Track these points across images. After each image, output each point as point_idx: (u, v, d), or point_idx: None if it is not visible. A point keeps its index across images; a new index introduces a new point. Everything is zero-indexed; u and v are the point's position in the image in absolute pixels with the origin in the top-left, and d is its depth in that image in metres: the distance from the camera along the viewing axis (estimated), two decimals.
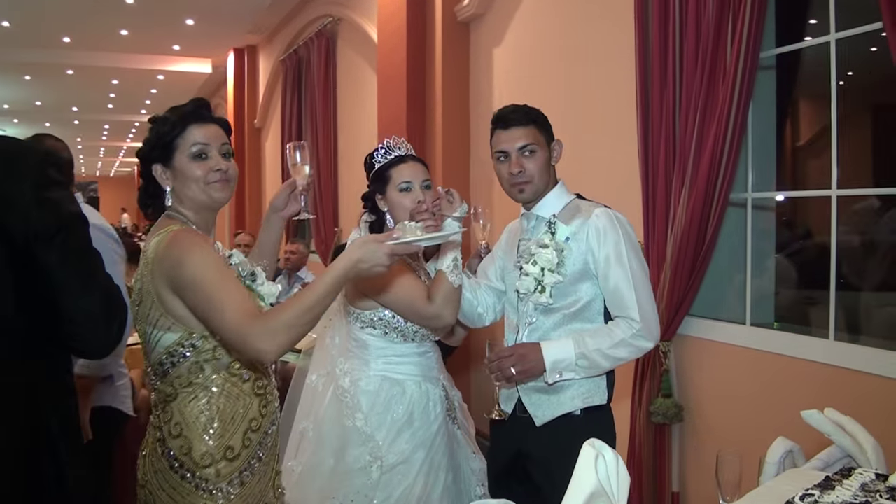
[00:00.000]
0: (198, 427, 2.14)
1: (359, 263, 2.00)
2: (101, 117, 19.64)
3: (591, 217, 2.68)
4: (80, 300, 1.70)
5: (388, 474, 2.80)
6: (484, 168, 5.92)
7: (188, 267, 2.03)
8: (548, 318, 2.72)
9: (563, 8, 4.98)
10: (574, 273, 2.67)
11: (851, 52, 3.34)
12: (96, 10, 9.64)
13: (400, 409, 2.88)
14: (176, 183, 2.23)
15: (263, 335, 1.96)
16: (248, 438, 2.19)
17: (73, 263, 1.70)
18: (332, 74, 8.89)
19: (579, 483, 1.50)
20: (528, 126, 2.73)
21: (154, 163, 2.24)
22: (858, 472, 1.88)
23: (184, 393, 2.16)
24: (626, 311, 2.62)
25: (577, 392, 2.69)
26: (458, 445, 3.04)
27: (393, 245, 2.02)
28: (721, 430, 3.75)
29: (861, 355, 3.12)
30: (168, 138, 2.23)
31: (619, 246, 2.63)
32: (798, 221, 4.68)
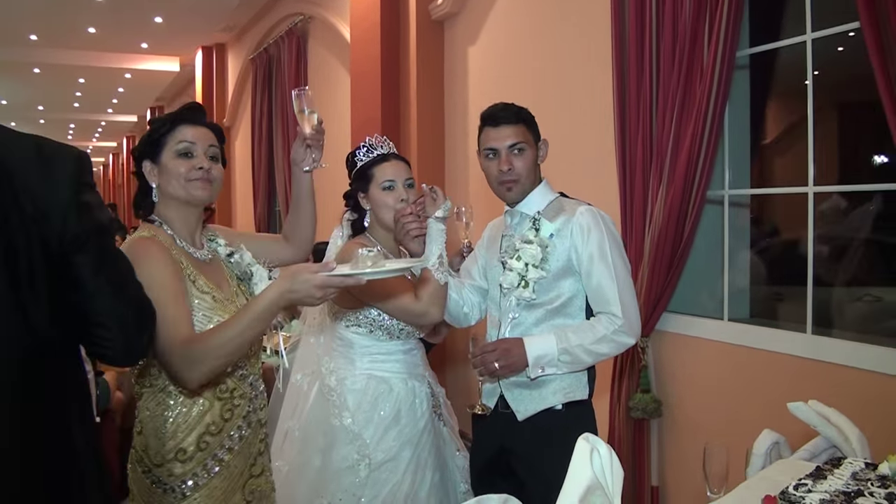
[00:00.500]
0: (153, 427, 2.18)
1: (288, 294, 1.98)
2: (68, 116, 19.44)
3: (575, 215, 2.71)
4: (114, 306, 1.68)
5: (376, 472, 2.82)
6: (460, 166, 5.93)
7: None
8: (530, 313, 2.75)
9: (538, 6, 5.00)
10: (557, 269, 2.71)
11: (819, 52, 3.38)
12: (64, 8, 9.53)
13: (387, 407, 2.89)
14: (161, 180, 2.27)
15: (183, 363, 1.99)
16: (203, 441, 2.18)
17: (106, 270, 1.67)
18: (304, 73, 8.86)
19: (575, 477, 1.51)
20: (518, 124, 2.76)
21: (144, 159, 2.29)
22: (848, 461, 1.91)
23: (146, 392, 2.21)
24: (608, 307, 2.66)
25: (559, 387, 2.72)
26: (444, 443, 3.06)
27: (326, 277, 1.95)
28: (700, 424, 3.79)
29: (837, 348, 3.17)
30: (157, 135, 2.28)
31: (603, 244, 2.66)
32: (766, 218, 4.73)
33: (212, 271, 2.33)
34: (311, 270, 1.96)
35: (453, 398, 3.37)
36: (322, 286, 1.95)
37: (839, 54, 3.94)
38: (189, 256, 2.27)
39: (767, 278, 4.23)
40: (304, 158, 2.54)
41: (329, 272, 1.95)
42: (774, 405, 2.59)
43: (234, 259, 2.43)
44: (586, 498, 1.46)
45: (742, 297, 3.92)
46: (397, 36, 6.33)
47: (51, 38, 11.12)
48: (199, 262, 2.30)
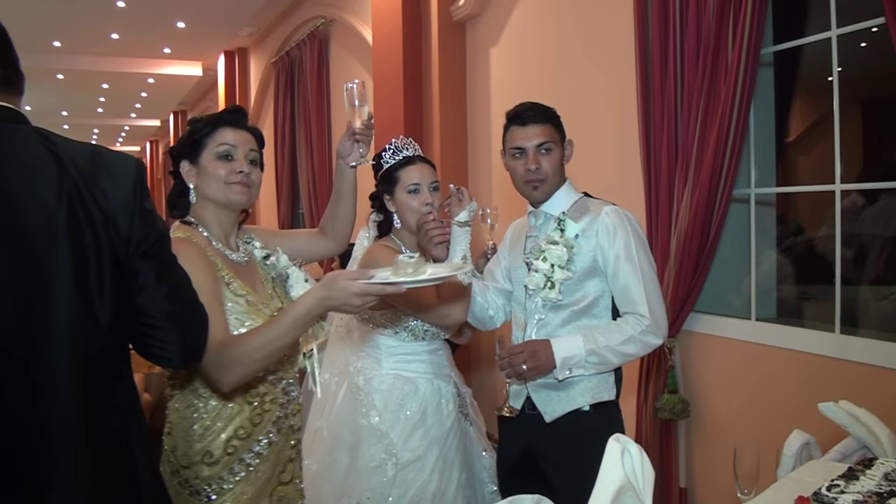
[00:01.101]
0: (182, 428, 2.17)
1: (325, 301, 1.93)
2: (91, 121, 19.55)
3: (600, 215, 2.71)
4: (174, 310, 1.70)
5: (403, 472, 2.84)
6: (483, 167, 5.93)
7: None
8: (556, 314, 2.74)
9: (559, 6, 4.99)
10: (582, 270, 2.70)
11: (842, 49, 3.36)
12: (87, 14, 9.60)
13: (413, 407, 2.92)
14: (199, 181, 2.26)
15: (216, 366, 1.97)
16: (231, 445, 2.16)
17: (167, 275, 1.71)
18: (326, 76, 8.87)
19: (607, 478, 1.51)
20: (545, 124, 2.77)
21: (182, 159, 2.28)
22: (880, 462, 1.90)
23: (177, 394, 2.20)
24: (634, 307, 2.65)
25: (586, 388, 2.70)
26: (470, 442, 3.07)
27: (365, 285, 1.87)
28: (728, 425, 3.77)
29: (866, 348, 3.15)
30: (198, 136, 2.27)
31: (629, 244, 2.66)
32: (791, 217, 4.71)
33: (247, 274, 2.31)
34: (348, 277, 1.90)
35: (479, 400, 3.38)
36: (361, 294, 1.88)
37: (863, 50, 3.92)
38: (224, 258, 2.25)
39: (794, 277, 4.21)
40: (350, 153, 2.49)
41: (368, 280, 1.88)
42: (803, 405, 2.58)
43: (270, 261, 2.41)
44: (618, 498, 1.46)
45: (769, 296, 3.90)
46: (419, 37, 6.33)
47: (74, 44, 11.20)
48: (234, 264, 2.28)
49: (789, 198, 4.46)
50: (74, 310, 1.55)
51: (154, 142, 24.79)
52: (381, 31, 6.72)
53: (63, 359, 1.56)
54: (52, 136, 1.66)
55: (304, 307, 1.96)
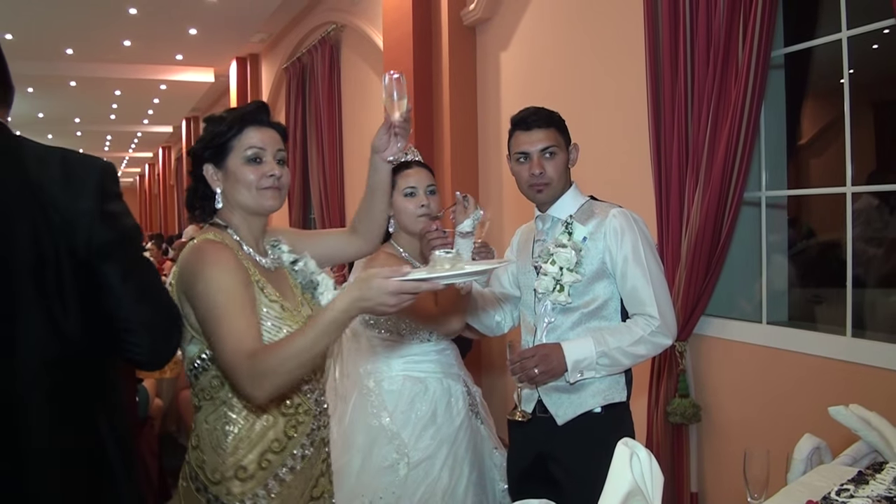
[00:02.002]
0: (211, 442, 2.08)
1: (360, 302, 1.81)
2: (104, 128, 19.67)
3: (607, 217, 2.71)
4: (140, 311, 1.70)
5: (415, 471, 2.88)
6: (493, 171, 5.93)
7: (201, 282, 1.98)
8: (566, 317, 2.74)
9: (569, 10, 4.99)
10: (591, 272, 2.70)
11: (853, 51, 3.35)
12: (99, 22, 9.66)
13: (423, 407, 2.96)
14: (226, 185, 2.16)
15: (248, 378, 1.88)
16: (265, 459, 2.07)
17: (133, 276, 1.71)
18: (337, 81, 8.90)
19: (615, 482, 1.51)
20: (549, 128, 2.76)
21: (206, 163, 2.17)
22: (890, 466, 1.89)
23: (205, 405, 2.11)
24: (644, 308, 2.65)
25: (598, 390, 2.71)
26: (481, 440, 3.10)
27: (400, 282, 1.78)
28: (739, 429, 3.75)
29: (878, 351, 3.13)
30: (223, 139, 2.15)
31: (637, 245, 2.66)
32: (803, 220, 4.69)
33: (277, 280, 2.22)
34: (383, 276, 1.79)
35: (490, 404, 3.38)
36: (396, 292, 1.78)
37: (874, 52, 3.90)
38: (256, 263, 2.16)
39: (806, 280, 4.19)
40: (387, 147, 2.32)
41: (403, 276, 1.78)
42: (814, 409, 2.56)
43: (299, 267, 2.32)
44: (626, 503, 1.45)
45: (780, 299, 3.88)
46: (429, 42, 6.35)
47: (86, 51, 11.27)
48: (265, 269, 2.19)
49: (801, 200, 4.45)
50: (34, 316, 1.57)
51: (166, 148, 24.90)
52: (391, 36, 6.73)
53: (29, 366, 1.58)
54: (22, 140, 1.66)
55: (337, 310, 1.83)
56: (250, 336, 1.92)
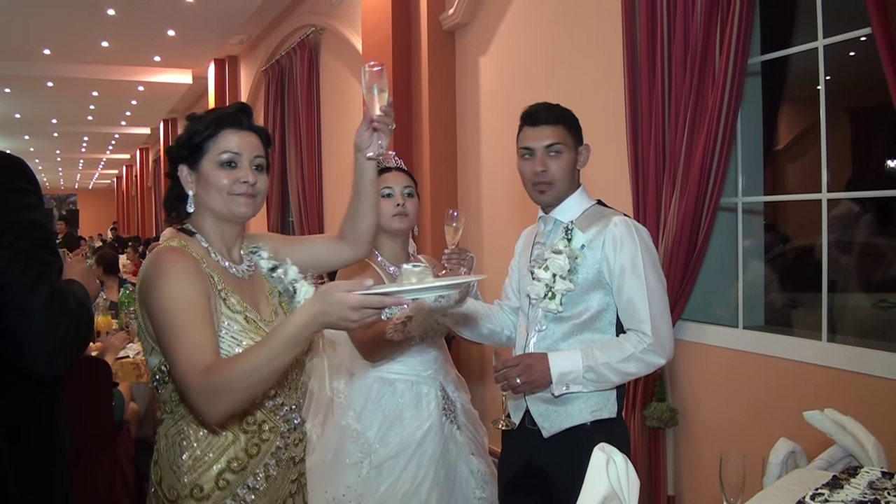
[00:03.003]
0: (168, 457, 1.98)
1: (320, 317, 1.71)
2: (81, 129, 19.51)
3: (608, 225, 2.59)
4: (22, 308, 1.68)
5: (377, 470, 2.92)
6: (471, 176, 5.93)
7: (155, 292, 1.89)
8: (558, 326, 2.65)
9: (549, 15, 5.01)
10: (586, 281, 2.60)
11: (830, 59, 3.38)
12: (77, 22, 9.59)
13: (390, 406, 3.00)
14: (199, 188, 2.07)
15: (203, 395, 1.77)
16: (223, 479, 1.96)
17: (17, 269, 1.68)
18: (316, 84, 8.89)
19: (592, 487, 1.51)
20: (557, 125, 2.67)
21: (180, 163, 2.08)
22: (864, 470, 1.90)
23: (166, 419, 2.03)
24: (638, 324, 2.54)
25: (586, 405, 2.61)
26: (455, 444, 3.09)
27: (362, 297, 1.67)
28: (715, 433, 3.77)
29: (853, 356, 3.16)
30: (199, 139, 2.06)
31: (636, 257, 2.55)
32: (779, 225, 4.73)
33: (249, 288, 2.12)
34: (344, 289, 1.69)
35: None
36: (357, 307, 1.68)
37: (851, 60, 3.94)
38: (224, 272, 2.06)
39: (782, 285, 4.22)
40: (369, 143, 2.18)
41: (365, 290, 1.68)
42: (790, 413, 2.58)
43: (277, 274, 2.22)
44: None
45: (757, 304, 3.91)
46: (408, 46, 6.35)
47: (64, 52, 11.18)
48: (234, 278, 2.09)
49: (778, 206, 4.48)
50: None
51: (144, 150, 24.75)
52: (370, 40, 6.73)
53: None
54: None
55: (296, 325, 1.72)
56: (206, 350, 1.82)
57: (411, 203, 3.06)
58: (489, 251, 5.71)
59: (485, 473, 3.09)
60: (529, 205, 2.81)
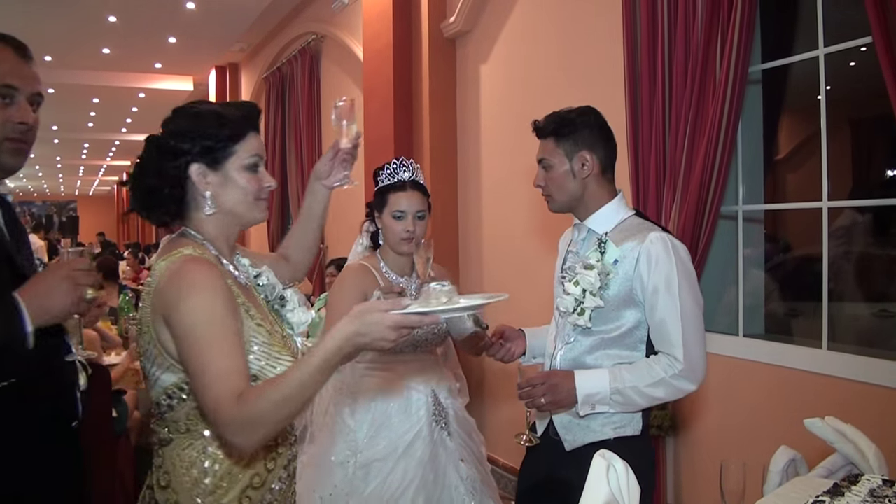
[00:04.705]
0: (187, 481, 1.85)
1: (356, 338, 1.63)
2: (82, 136, 19.51)
3: (644, 241, 2.45)
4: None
5: (364, 470, 2.94)
6: (472, 183, 5.94)
7: (185, 310, 1.74)
8: (587, 338, 2.55)
9: (550, 24, 5.01)
10: (617, 298, 2.48)
11: (830, 68, 3.39)
12: (78, 29, 9.60)
13: (379, 409, 3.03)
14: (220, 190, 1.93)
15: (234, 426, 1.66)
16: (245, 497, 1.88)
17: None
18: (317, 91, 8.89)
19: (592, 494, 1.51)
20: (547, 138, 2.60)
21: (194, 162, 1.91)
22: (865, 478, 1.90)
23: (178, 439, 1.88)
24: (669, 347, 2.43)
25: (608, 421, 2.52)
26: (444, 450, 3.08)
27: (400, 316, 1.64)
28: (715, 441, 3.77)
29: (853, 364, 3.16)
30: (224, 140, 1.93)
31: (671, 276, 2.42)
32: (780, 234, 4.73)
33: (253, 296, 2.02)
34: (381, 309, 1.63)
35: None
36: (396, 327, 1.63)
37: (852, 69, 3.94)
38: (235, 280, 1.95)
39: (782, 294, 4.22)
40: (329, 173, 2.26)
41: (402, 310, 1.64)
42: (790, 422, 2.57)
43: (263, 281, 2.11)
44: None
45: (757, 312, 3.91)
46: (409, 54, 6.36)
47: (65, 59, 11.19)
48: (243, 287, 1.98)
49: (782, 215, 4.48)
50: None
51: None
52: (371, 48, 6.74)
53: None
54: None
55: (329, 349, 1.63)
56: (238, 377, 1.70)
57: (421, 226, 3.04)
58: (489, 259, 5.71)
59: (474, 480, 3.06)
60: (530, 213, 2.80)
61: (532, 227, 4.98)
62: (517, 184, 5.15)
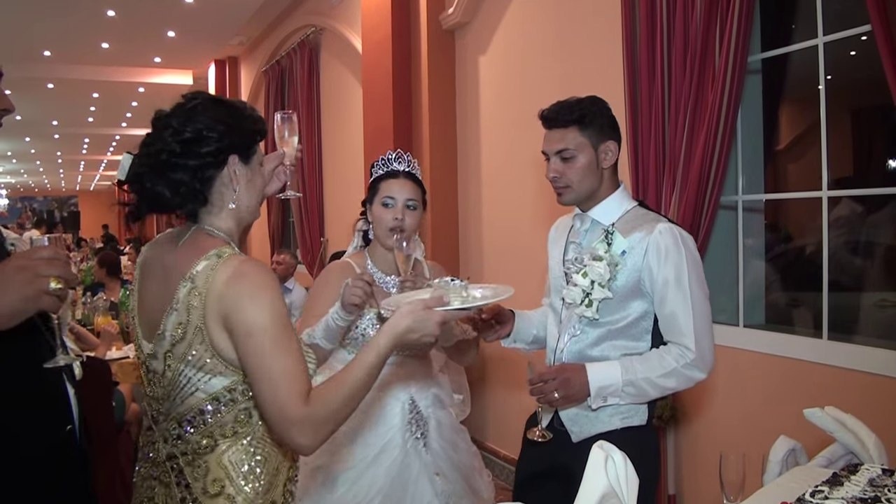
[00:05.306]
0: (244, 481, 1.83)
1: (408, 334, 1.78)
2: (82, 131, 19.50)
3: (653, 233, 2.46)
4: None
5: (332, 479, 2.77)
6: (472, 175, 5.93)
7: (254, 311, 1.72)
8: (593, 330, 2.55)
9: (548, 14, 5.00)
10: (625, 289, 2.49)
11: (831, 57, 3.37)
12: (77, 24, 9.59)
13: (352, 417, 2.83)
14: (244, 186, 1.92)
15: (309, 428, 1.69)
16: (287, 491, 1.91)
17: None
18: (316, 85, 8.89)
19: (590, 485, 1.51)
20: (568, 128, 2.52)
21: (233, 153, 1.88)
22: (865, 468, 1.90)
23: (225, 443, 1.84)
24: (680, 337, 2.45)
25: (616, 411, 2.53)
26: (420, 462, 2.84)
27: (444, 312, 1.82)
28: (716, 431, 3.77)
29: (854, 354, 3.16)
30: (258, 133, 1.94)
31: (681, 268, 2.44)
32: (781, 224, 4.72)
33: None
34: (428, 306, 1.80)
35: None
36: (442, 322, 1.81)
37: (852, 58, 3.93)
38: None
39: (783, 284, 4.21)
40: (267, 183, 2.21)
41: (445, 307, 1.82)
42: (791, 411, 2.57)
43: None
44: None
45: (757, 303, 3.90)
46: (408, 46, 6.35)
47: (64, 53, 11.19)
48: None
49: (782, 205, 4.47)
50: None
51: None
52: (370, 40, 6.73)
53: None
54: None
55: (385, 345, 1.77)
56: (305, 377, 1.73)
57: (412, 216, 2.82)
58: (489, 251, 5.70)
59: (451, 496, 2.84)
60: (531, 205, 2.77)
61: (532, 217, 4.97)
62: (517, 175, 5.14)
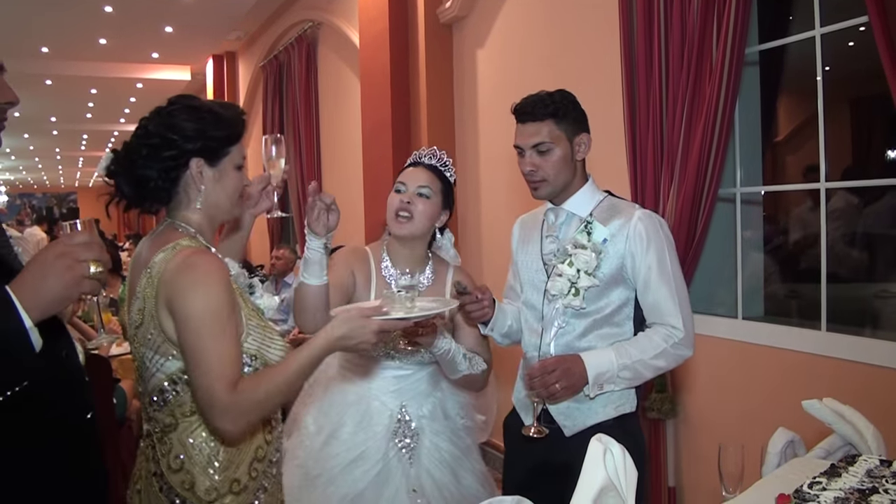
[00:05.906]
0: (201, 460, 1.94)
1: (342, 341, 1.85)
2: (80, 127, 19.48)
3: (632, 219, 2.51)
4: None
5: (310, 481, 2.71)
6: (470, 169, 5.92)
7: (190, 301, 1.82)
8: (580, 321, 2.56)
9: (545, 7, 5.00)
10: (608, 276, 2.51)
11: (829, 48, 3.37)
12: (75, 20, 9.57)
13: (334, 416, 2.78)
14: (212, 187, 2.02)
15: (227, 412, 1.78)
16: (253, 469, 1.99)
17: None
18: (314, 79, 8.87)
19: (589, 478, 1.51)
20: (544, 121, 2.54)
21: (195, 156, 1.97)
22: (862, 458, 1.90)
23: (186, 423, 1.95)
24: (667, 318, 2.50)
25: (609, 400, 2.54)
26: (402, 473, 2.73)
27: (384, 322, 1.87)
28: (715, 423, 3.77)
29: (852, 345, 3.16)
30: (228, 138, 2.03)
31: (663, 254, 2.49)
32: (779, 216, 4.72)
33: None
34: (364, 315, 1.86)
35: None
36: (379, 331, 1.86)
37: (850, 49, 3.93)
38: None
39: (781, 276, 4.22)
40: (256, 203, 2.39)
41: (383, 315, 1.87)
42: (789, 403, 2.57)
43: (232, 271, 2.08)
44: (599, 499, 1.46)
45: (756, 294, 3.91)
46: (406, 40, 6.34)
47: (62, 49, 11.16)
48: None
49: (781, 196, 4.48)
50: None
51: None
52: (368, 34, 6.71)
53: None
54: None
55: (319, 348, 1.85)
56: (235, 366, 1.83)
57: (424, 204, 2.72)
58: (487, 245, 5.70)
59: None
60: (529, 198, 2.76)
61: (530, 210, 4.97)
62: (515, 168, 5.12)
